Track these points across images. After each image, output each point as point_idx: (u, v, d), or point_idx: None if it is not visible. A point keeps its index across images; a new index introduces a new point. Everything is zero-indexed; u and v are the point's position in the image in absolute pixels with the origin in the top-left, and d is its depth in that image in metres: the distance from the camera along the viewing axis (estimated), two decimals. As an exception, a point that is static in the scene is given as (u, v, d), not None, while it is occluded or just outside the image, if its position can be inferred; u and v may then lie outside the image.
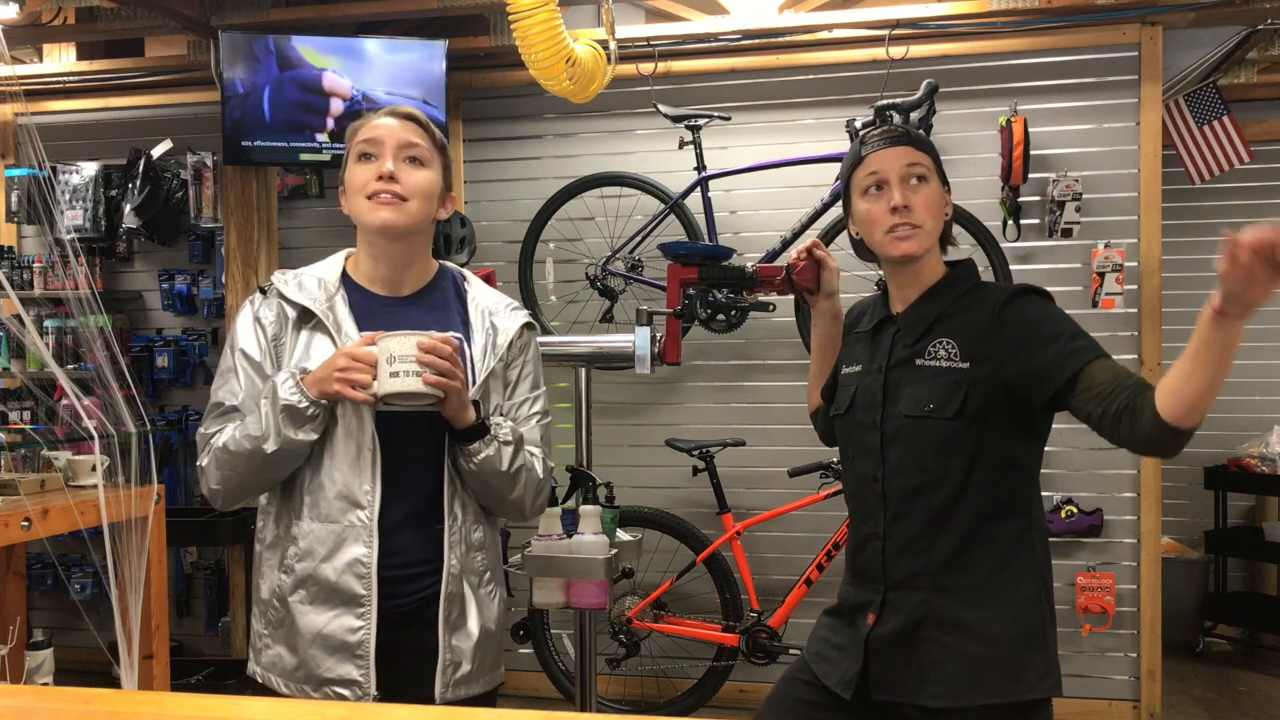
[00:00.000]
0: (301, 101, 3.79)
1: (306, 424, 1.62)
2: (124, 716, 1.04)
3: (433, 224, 1.78)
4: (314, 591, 1.67)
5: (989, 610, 1.71)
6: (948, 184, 1.86)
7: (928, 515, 1.76)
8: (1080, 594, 3.75)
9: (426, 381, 1.56)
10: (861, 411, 1.85)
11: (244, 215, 4.00)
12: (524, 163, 4.20)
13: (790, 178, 3.91)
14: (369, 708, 1.01)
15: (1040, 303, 1.77)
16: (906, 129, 1.85)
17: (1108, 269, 3.69)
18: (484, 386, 1.74)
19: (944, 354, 1.76)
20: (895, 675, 1.77)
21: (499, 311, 1.81)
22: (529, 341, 1.85)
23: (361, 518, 1.66)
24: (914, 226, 1.79)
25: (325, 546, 1.66)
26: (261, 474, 1.68)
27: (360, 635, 1.65)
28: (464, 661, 1.72)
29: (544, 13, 3.07)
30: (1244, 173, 4.64)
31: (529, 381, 1.84)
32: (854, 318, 2.01)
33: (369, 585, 1.65)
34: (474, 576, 1.75)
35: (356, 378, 1.58)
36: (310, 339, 1.71)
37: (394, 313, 1.75)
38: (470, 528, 1.74)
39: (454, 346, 1.61)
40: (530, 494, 1.78)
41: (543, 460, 1.81)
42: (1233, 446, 4.89)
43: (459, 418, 1.65)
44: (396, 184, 1.69)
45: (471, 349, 1.75)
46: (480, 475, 1.70)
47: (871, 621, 1.80)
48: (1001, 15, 3.71)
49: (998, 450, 1.74)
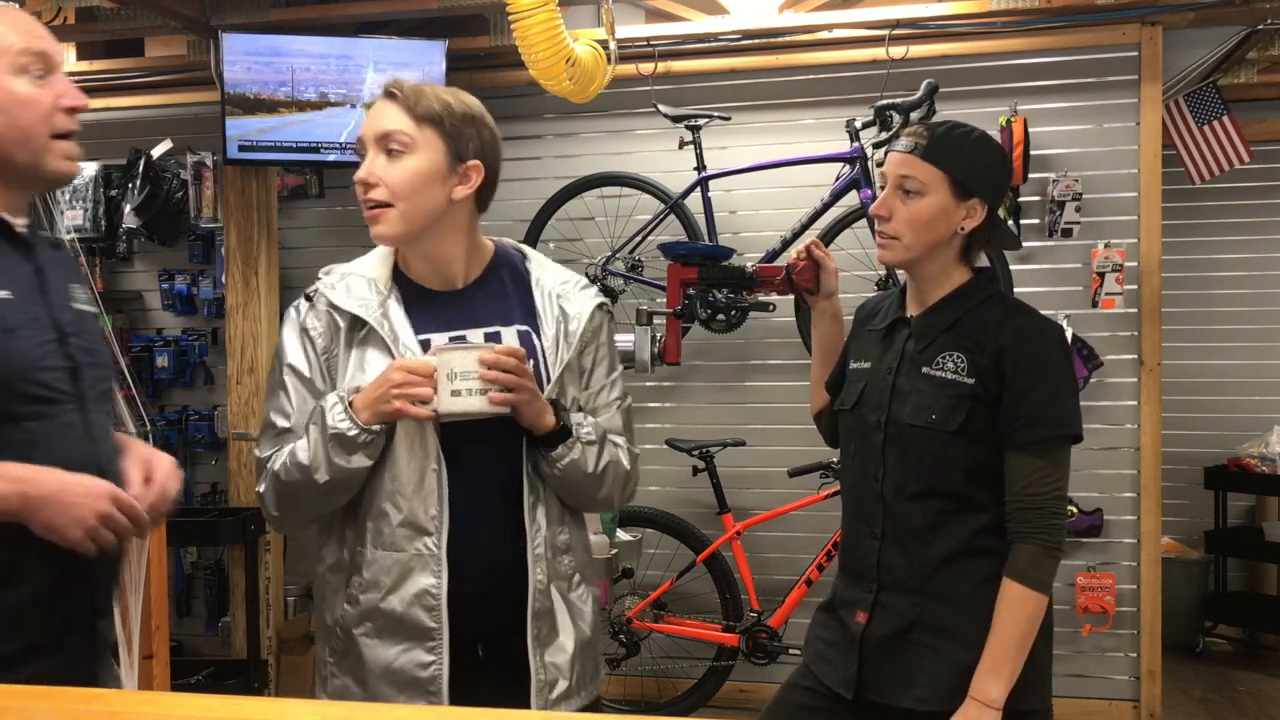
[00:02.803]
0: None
1: (358, 450, 1.49)
2: (124, 716, 1.04)
3: (457, 205, 1.57)
4: (380, 625, 1.54)
5: (978, 618, 1.71)
6: (974, 196, 1.76)
7: (923, 522, 1.76)
8: (1080, 594, 3.75)
9: (492, 400, 1.45)
10: (868, 410, 1.84)
11: (244, 215, 4.00)
12: (524, 163, 4.20)
13: (790, 178, 3.90)
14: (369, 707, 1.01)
15: (1038, 348, 1.73)
16: (929, 134, 1.77)
17: (1108, 269, 3.69)
18: (559, 382, 1.59)
19: (952, 367, 1.75)
20: (883, 676, 1.78)
21: (568, 294, 1.64)
22: (602, 323, 1.67)
23: (429, 545, 1.52)
24: (890, 237, 1.79)
25: (391, 577, 1.53)
26: (318, 503, 1.56)
27: (432, 671, 1.52)
28: (560, 679, 1.58)
29: (544, 13, 3.07)
30: (1244, 173, 4.64)
31: (605, 366, 1.68)
32: (867, 313, 2.00)
33: (439, 618, 1.52)
34: (562, 583, 1.61)
35: (415, 392, 1.44)
36: (364, 352, 1.56)
37: (451, 308, 1.60)
38: (555, 532, 1.60)
39: (520, 357, 1.48)
40: (618, 489, 1.66)
41: (627, 449, 1.67)
42: (1233, 446, 4.89)
43: (536, 424, 1.52)
44: (374, 188, 1.53)
45: (541, 340, 1.60)
46: (565, 480, 1.56)
47: (863, 620, 1.81)
48: (1001, 15, 3.70)
49: (997, 466, 1.73)
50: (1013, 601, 1.67)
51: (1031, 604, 1.67)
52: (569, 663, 1.59)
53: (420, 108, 1.54)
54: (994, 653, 1.67)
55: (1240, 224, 5.10)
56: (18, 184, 1.47)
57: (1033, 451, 1.69)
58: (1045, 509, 1.68)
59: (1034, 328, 1.75)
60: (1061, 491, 1.70)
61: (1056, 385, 1.71)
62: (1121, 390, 3.80)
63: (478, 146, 1.57)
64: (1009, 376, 1.70)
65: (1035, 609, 1.67)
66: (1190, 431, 5.02)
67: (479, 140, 1.58)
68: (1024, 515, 1.69)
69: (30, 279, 1.47)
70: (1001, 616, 1.67)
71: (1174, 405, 4.60)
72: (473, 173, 1.57)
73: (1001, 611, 1.68)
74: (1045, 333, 1.76)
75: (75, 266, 1.62)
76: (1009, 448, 1.71)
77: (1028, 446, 1.70)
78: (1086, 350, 3.73)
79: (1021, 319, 1.76)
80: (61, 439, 1.43)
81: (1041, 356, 1.72)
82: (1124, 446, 3.80)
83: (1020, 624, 1.67)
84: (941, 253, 1.79)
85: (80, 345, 1.49)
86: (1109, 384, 3.79)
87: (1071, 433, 1.72)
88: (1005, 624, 1.67)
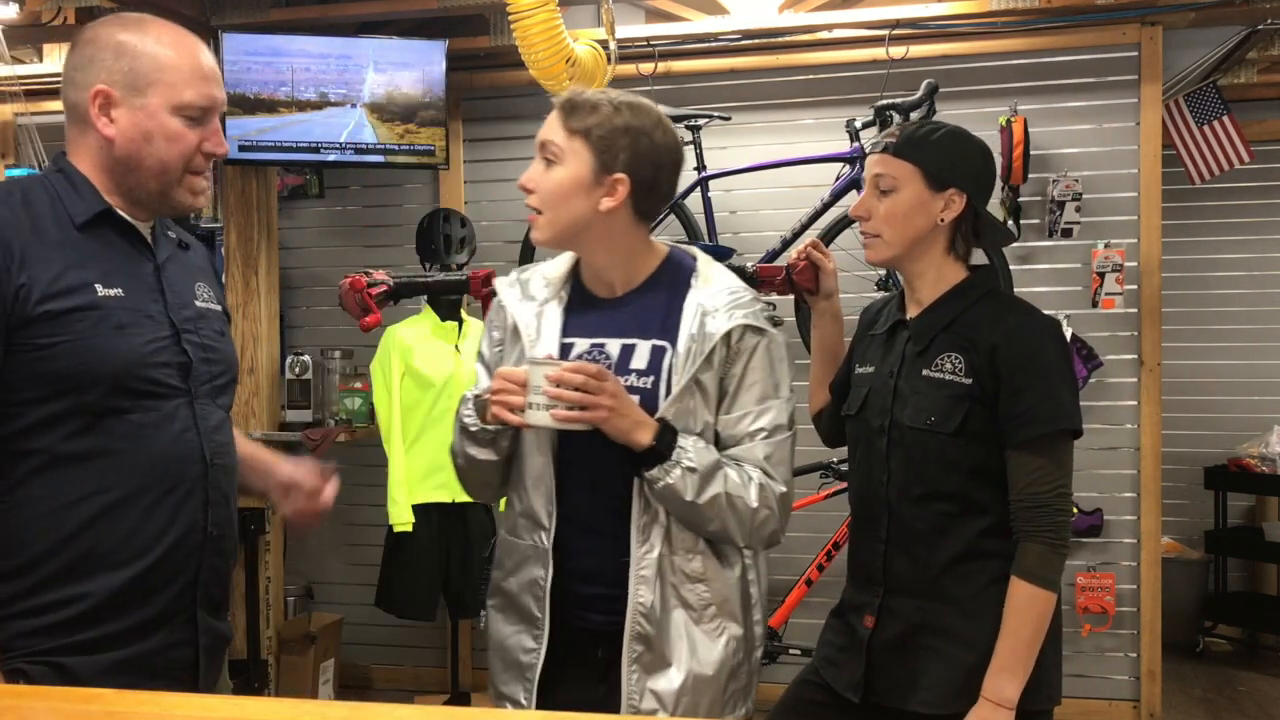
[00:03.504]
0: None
1: (479, 445, 1.59)
2: (124, 716, 1.04)
3: (606, 216, 1.56)
4: (502, 603, 1.66)
5: (983, 621, 1.71)
6: (950, 186, 1.76)
7: (927, 525, 1.76)
8: (1080, 594, 3.75)
9: (555, 417, 1.47)
10: (872, 415, 1.85)
11: (244, 215, 3.99)
12: (524, 163, 4.10)
13: (790, 178, 3.90)
14: (370, 707, 1.01)
15: (1031, 344, 1.72)
16: (900, 132, 1.80)
17: (1108, 269, 3.69)
18: (680, 402, 1.55)
19: (949, 367, 1.75)
20: (890, 680, 1.78)
21: (717, 310, 1.57)
22: (755, 346, 1.58)
23: (541, 539, 1.58)
24: (872, 235, 1.80)
25: (512, 560, 1.64)
26: (468, 481, 1.71)
27: (531, 658, 1.58)
28: (660, 710, 1.54)
29: (544, 13, 3.07)
30: (1244, 173, 4.63)
31: (754, 392, 1.58)
32: (870, 317, 2.00)
33: (543, 608, 1.57)
34: (690, 611, 1.56)
35: (507, 400, 1.49)
36: (517, 348, 1.64)
37: (603, 315, 1.63)
38: (682, 558, 1.56)
39: (589, 374, 1.47)
40: (736, 525, 1.54)
41: (761, 485, 1.56)
42: (1233, 446, 4.89)
43: (628, 442, 1.50)
44: (530, 194, 1.60)
45: (674, 357, 1.57)
46: (666, 503, 1.53)
47: (870, 624, 1.81)
48: (1001, 15, 3.70)
49: (998, 467, 1.73)
50: (1022, 601, 1.67)
51: (1041, 602, 1.67)
52: (675, 694, 1.54)
53: (573, 120, 1.57)
54: (1006, 652, 1.67)
55: (1240, 224, 5.10)
56: (144, 206, 1.54)
57: (1032, 449, 1.69)
58: (1049, 506, 1.68)
59: (1026, 324, 1.75)
60: (1064, 488, 1.70)
61: (1052, 381, 1.71)
62: (1121, 390, 3.80)
63: (628, 159, 1.55)
64: (1003, 375, 1.70)
65: (1045, 607, 1.68)
66: (1190, 431, 5.02)
67: (632, 152, 1.56)
68: (1028, 514, 1.68)
69: (149, 277, 1.52)
70: (1011, 616, 1.67)
71: (1174, 405, 4.60)
72: (619, 186, 1.56)
73: (1011, 611, 1.68)
74: (1038, 328, 1.75)
75: (205, 266, 1.69)
76: (1009, 447, 1.71)
77: (1027, 444, 1.69)
78: (1086, 350, 3.73)
79: (1014, 315, 1.76)
80: (167, 432, 1.48)
81: (1035, 353, 1.72)
82: (1124, 446, 3.80)
83: (1031, 622, 1.67)
84: (928, 248, 1.80)
85: (196, 342, 1.54)
86: (1109, 384, 3.79)
87: (1070, 427, 1.72)
88: (1015, 624, 1.67)
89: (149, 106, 1.48)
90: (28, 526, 1.41)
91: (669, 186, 1.63)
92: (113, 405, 1.43)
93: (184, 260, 1.62)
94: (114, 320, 1.43)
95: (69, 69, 1.51)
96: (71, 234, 1.46)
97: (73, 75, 1.50)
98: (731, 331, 1.56)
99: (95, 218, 1.48)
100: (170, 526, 1.48)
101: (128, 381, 1.44)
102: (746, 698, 1.65)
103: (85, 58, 1.49)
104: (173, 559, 1.48)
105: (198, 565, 1.52)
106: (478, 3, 3.74)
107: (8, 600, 1.40)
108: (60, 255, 1.43)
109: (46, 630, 1.40)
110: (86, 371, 1.40)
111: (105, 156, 1.49)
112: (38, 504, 1.41)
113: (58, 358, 1.39)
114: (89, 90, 1.47)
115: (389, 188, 4.35)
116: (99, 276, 1.45)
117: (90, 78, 1.48)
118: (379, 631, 4.31)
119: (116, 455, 1.44)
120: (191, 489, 1.50)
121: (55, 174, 1.51)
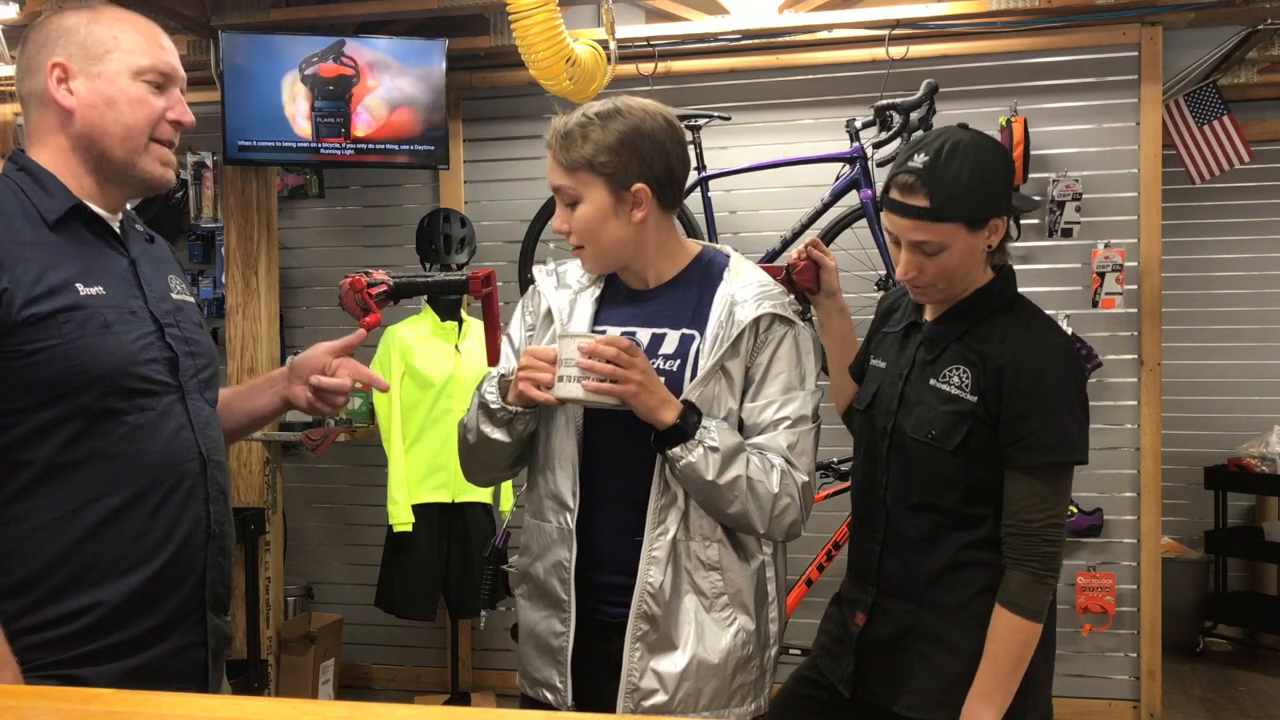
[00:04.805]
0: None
1: (497, 425, 1.60)
2: (124, 716, 1.04)
3: (642, 225, 1.61)
4: (530, 589, 1.67)
5: (971, 629, 1.71)
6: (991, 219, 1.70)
7: (920, 533, 1.76)
8: (1080, 594, 3.75)
9: (586, 388, 1.49)
10: (878, 415, 1.84)
11: (244, 215, 3.99)
12: (524, 163, 4.20)
13: (790, 178, 3.90)
14: (370, 707, 1.01)
15: (1037, 367, 1.68)
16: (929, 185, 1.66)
17: (1108, 269, 3.69)
18: (705, 385, 1.57)
19: (957, 381, 1.73)
20: (878, 679, 1.79)
21: (745, 301, 1.60)
22: (782, 336, 1.60)
23: (565, 520, 1.59)
24: (924, 287, 1.75)
25: (538, 544, 1.65)
26: (468, 462, 1.71)
27: (561, 641, 1.59)
28: (659, 691, 1.55)
29: (544, 13, 3.07)
30: (1244, 173, 4.64)
31: (779, 382, 1.60)
32: (887, 308, 1.98)
33: (568, 590, 1.59)
34: (702, 598, 1.58)
35: (536, 376, 1.52)
36: (548, 334, 1.67)
37: (636, 306, 1.67)
38: (699, 544, 1.57)
39: (621, 347, 1.49)
40: (756, 510, 1.54)
41: (784, 472, 1.56)
42: (1233, 446, 4.89)
43: (653, 420, 1.52)
44: (569, 235, 1.63)
45: (702, 343, 1.60)
46: (687, 484, 1.55)
47: (861, 622, 1.82)
48: (1001, 15, 3.70)
49: (997, 485, 1.72)
50: (1004, 629, 1.66)
51: (1023, 632, 1.66)
52: (676, 677, 1.55)
53: (569, 158, 1.59)
54: (986, 678, 1.66)
55: (1240, 224, 5.10)
56: (114, 182, 1.50)
57: (1030, 475, 1.67)
58: (1037, 536, 1.65)
59: (1035, 345, 1.70)
60: (1057, 519, 1.67)
61: (1057, 408, 1.66)
62: (1121, 390, 3.80)
63: (638, 167, 1.58)
64: (1007, 396, 1.67)
65: (1026, 637, 1.66)
66: (1190, 431, 5.02)
67: (638, 159, 1.58)
68: (1016, 541, 1.67)
69: (125, 273, 1.49)
70: (993, 644, 1.67)
71: (1174, 405, 4.61)
72: (641, 195, 1.59)
73: (993, 638, 1.67)
74: (1047, 350, 1.70)
75: (171, 259, 1.65)
76: (1008, 468, 1.69)
77: (1025, 470, 1.67)
78: (1086, 350, 3.73)
79: (1025, 335, 1.71)
80: (163, 431, 1.45)
81: (1042, 377, 1.67)
82: (1124, 446, 3.80)
83: (1011, 652, 1.66)
84: (970, 269, 1.75)
85: (179, 335, 1.51)
86: (1109, 384, 3.79)
87: (1072, 459, 1.68)
88: (996, 652, 1.66)
89: (107, 73, 1.44)
90: (28, 540, 1.37)
91: (683, 166, 1.65)
92: (108, 407, 1.40)
93: (154, 254, 1.59)
94: (100, 319, 1.40)
95: (21, 63, 1.47)
96: (45, 233, 1.41)
97: (26, 64, 1.46)
98: (760, 319, 1.59)
99: (67, 214, 1.43)
100: (176, 528, 1.46)
101: (121, 381, 1.40)
102: (758, 694, 1.64)
103: (36, 45, 1.46)
104: (181, 560, 1.46)
105: (204, 564, 1.50)
106: (478, 3, 3.74)
107: (14, 616, 1.36)
108: (38, 256, 1.38)
109: (59, 642, 1.37)
110: (79, 374, 1.37)
111: (69, 134, 1.45)
112: (37, 516, 1.37)
113: (48, 362, 1.35)
114: (44, 69, 1.43)
115: (389, 188, 4.36)
116: (78, 275, 1.40)
117: (44, 59, 1.44)
118: (379, 631, 4.31)
119: (115, 459, 1.41)
120: (193, 487, 1.48)
121: (18, 172, 1.46)
